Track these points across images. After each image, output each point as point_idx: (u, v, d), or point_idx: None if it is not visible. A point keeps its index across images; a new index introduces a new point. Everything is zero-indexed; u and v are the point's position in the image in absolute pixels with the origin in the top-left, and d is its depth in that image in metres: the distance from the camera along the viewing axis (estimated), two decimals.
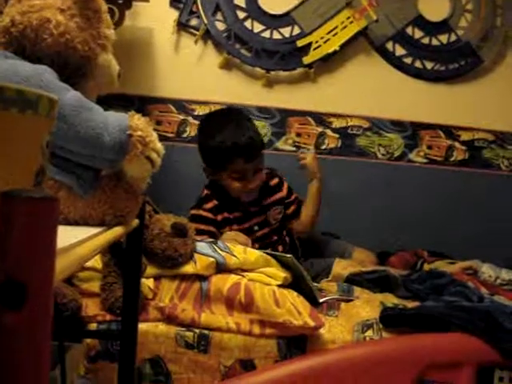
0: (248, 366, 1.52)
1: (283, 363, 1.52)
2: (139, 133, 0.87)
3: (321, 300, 1.72)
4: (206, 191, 2.17)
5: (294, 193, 2.31)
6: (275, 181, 2.27)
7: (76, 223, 0.86)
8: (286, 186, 2.29)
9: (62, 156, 0.86)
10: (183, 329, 1.52)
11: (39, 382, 0.37)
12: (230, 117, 2.17)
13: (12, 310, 0.36)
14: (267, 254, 1.73)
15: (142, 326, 1.44)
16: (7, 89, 0.50)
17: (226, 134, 2.06)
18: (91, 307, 1.52)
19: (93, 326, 1.50)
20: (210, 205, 2.13)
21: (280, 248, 2.22)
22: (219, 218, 2.13)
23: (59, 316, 1.36)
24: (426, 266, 2.29)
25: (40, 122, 0.54)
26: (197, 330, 1.52)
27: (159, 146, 0.91)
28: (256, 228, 2.18)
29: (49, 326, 0.38)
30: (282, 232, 2.27)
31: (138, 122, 0.89)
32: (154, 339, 1.50)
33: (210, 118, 2.28)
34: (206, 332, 1.52)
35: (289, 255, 1.72)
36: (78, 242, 0.61)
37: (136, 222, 1.03)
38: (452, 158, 2.80)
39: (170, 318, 1.52)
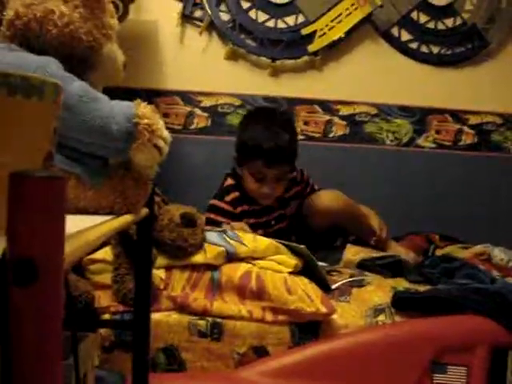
0: (261, 352, 1.53)
1: (297, 349, 1.53)
2: (146, 121, 0.88)
3: (333, 286, 1.72)
4: (229, 180, 2.17)
5: (307, 180, 2.31)
6: (293, 174, 2.25)
7: (86, 212, 0.87)
8: (305, 179, 2.29)
9: (70, 146, 0.87)
10: (196, 317, 1.53)
11: (51, 358, 0.37)
12: (269, 118, 2.17)
13: (23, 288, 0.36)
14: (280, 243, 1.72)
15: (154, 316, 1.45)
16: (12, 75, 0.51)
17: (255, 133, 2.08)
18: (104, 299, 1.52)
19: (106, 317, 1.51)
20: (231, 196, 2.13)
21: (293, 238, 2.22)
22: (238, 210, 2.13)
23: (73, 307, 1.37)
24: (438, 252, 2.28)
25: (46, 107, 0.54)
26: (209, 319, 1.53)
27: (166, 133, 0.92)
28: (273, 222, 2.19)
29: (60, 303, 0.38)
30: (295, 225, 2.27)
31: (144, 110, 0.89)
32: (167, 328, 1.51)
33: (253, 113, 2.30)
34: (218, 320, 1.53)
35: (302, 245, 1.72)
36: (87, 228, 0.62)
37: (145, 210, 1.03)
38: (461, 143, 2.78)
39: (182, 308, 1.53)
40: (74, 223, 0.69)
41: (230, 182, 2.17)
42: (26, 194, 0.37)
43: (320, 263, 1.81)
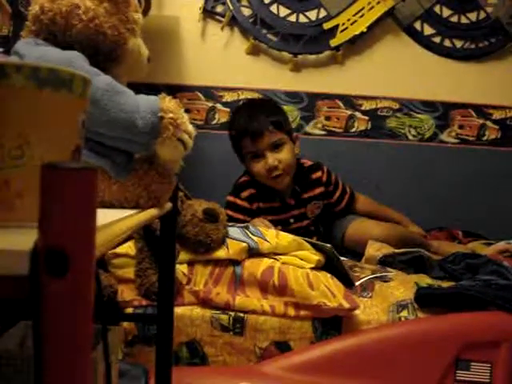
0: (283, 347, 1.53)
1: (319, 344, 1.52)
2: (170, 115, 0.88)
3: (357, 283, 1.70)
4: (244, 177, 2.18)
5: (336, 182, 2.30)
6: (318, 174, 2.25)
7: (111, 206, 0.87)
8: (332, 181, 2.28)
9: (95, 140, 0.87)
10: (218, 312, 1.53)
11: (82, 348, 0.38)
12: (247, 106, 2.26)
13: (56, 278, 0.36)
14: (306, 241, 1.71)
15: (177, 310, 1.45)
16: (42, 68, 0.51)
17: (236, 122, 2.17)
18: (127, 293, 1.53)
19: (129, 311, 1.52)
20: (246, 193, 2.13)
21: (314, 239, 2.21)
22: (254, 206, 2.13)
23: (100, 299, 1.38)
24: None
25: (74, 101, 0.55)
26: (232, 313, 1.53)
27: (190, 127, 0.92)
28: (292, 220, 2.18)
29: (91, 294, 0.38)
30: (317, 224, 2.26)
31: (169, 104, 0.89)
32: (190, 323, 1.52)
33: (233, 111, 2.34)
34: (240, 314, 1.53)
35: (328, 245, 1.71)
36: (114, 221, 0.62)
37: (169, 205, 1.03)
38: (484, 138, 2.76)
39: (204, 302, 1.53)
40: (100, 216, 0.69)
41: (244, 178, 2.17)
42: (58, 185, 0.37)
43: (342, 258, 1.81)
